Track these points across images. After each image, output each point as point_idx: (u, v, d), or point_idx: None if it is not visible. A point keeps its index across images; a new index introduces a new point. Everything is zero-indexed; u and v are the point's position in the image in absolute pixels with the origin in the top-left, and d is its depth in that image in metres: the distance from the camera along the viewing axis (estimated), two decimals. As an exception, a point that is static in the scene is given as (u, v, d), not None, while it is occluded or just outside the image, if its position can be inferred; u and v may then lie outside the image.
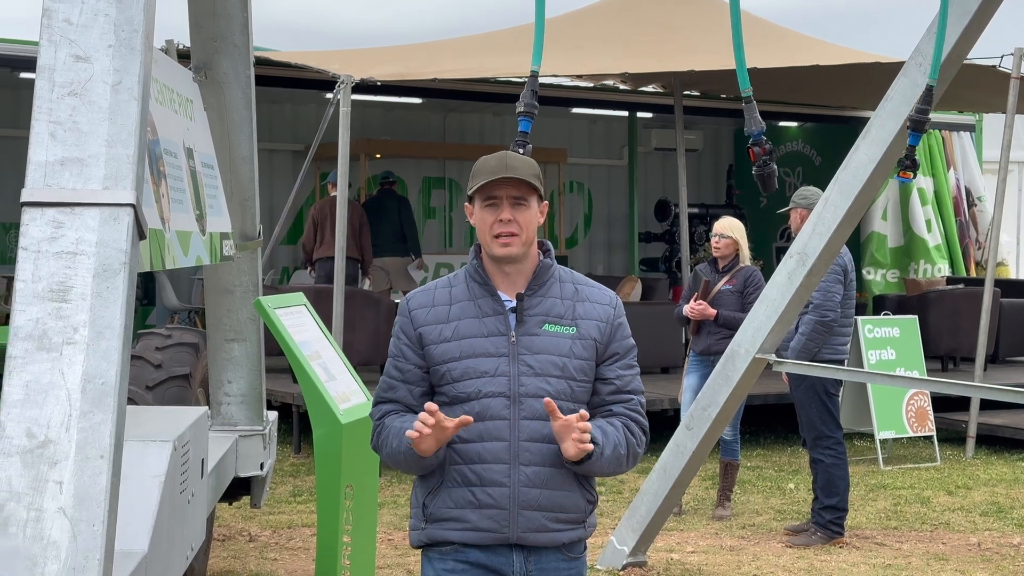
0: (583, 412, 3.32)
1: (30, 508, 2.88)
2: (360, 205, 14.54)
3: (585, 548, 3.58)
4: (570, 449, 3.31)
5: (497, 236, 3.41)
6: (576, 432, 3.29)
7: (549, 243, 3.60)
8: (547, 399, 3.31)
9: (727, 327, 8.40)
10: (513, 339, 3.41)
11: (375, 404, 3.56)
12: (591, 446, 3.31)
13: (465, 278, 3.51)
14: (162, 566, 4.40)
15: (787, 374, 8.10)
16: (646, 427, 3.55)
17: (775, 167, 5.94)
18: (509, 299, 3.46)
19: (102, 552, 2.88)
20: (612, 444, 3.40)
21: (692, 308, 8.64)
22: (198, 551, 5.43)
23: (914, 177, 6.36)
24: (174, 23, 6.41)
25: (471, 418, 3.33)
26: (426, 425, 3.27)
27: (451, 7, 55.83)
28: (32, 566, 2.83)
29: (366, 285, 14.19)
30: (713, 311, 8.55)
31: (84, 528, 2.87)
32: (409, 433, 3.31)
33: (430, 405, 3.30)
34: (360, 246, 14.14)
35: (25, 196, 3.09)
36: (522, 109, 5.62)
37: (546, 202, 3.54)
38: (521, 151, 5.28)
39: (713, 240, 8.80)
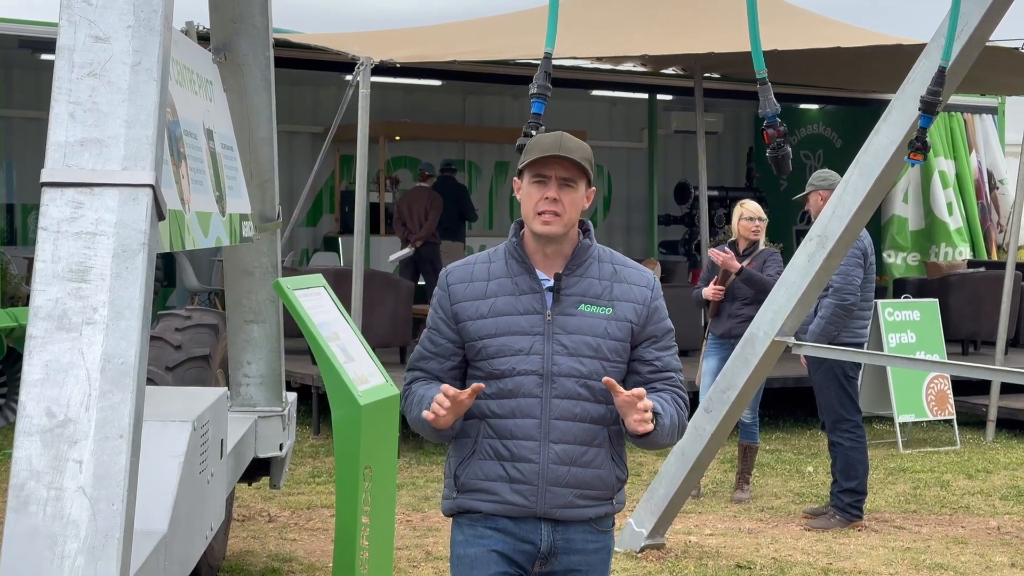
0: (640, 391, 3.34)
1: (50, 487, 2.89)
2: (432, 190, 14.77)
3: (613, 523, 3.64)
4: (632, 425, 3.35)
5: (540, 213, 3.43)
6: (638, 412, 3.32)
7: (589, 223, 3.62)
8: (606, 378, 3.35)
9: (749, 283, 8.39)
10: (549, 318, 3.45)
11: (408, 369, 3.65)
12: (651, 426, 3.35)
13: (504, 255, 3.54)
14: (181, 546, 4.43)
15: (806, 357, 8.09)
16: (687, 401, 3.63)
17: (789, 149, 5.91)
18: (547, 278, 3.49)
19: (121, 531, 2.89)
20: (669, 415, 3.47)
21: (712, 291, 8.63)
22: (217, 531, 5.46)
23: (924, 159, 6.33)
24: (194, 5, 6.39)
25: (483, 385, 3.40)
26: (442, 407, 3.35)
27: (471, -11, 55.69)
28: (52, 544, 2.85)
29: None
30: (737, 264, 8.51)
31: (104, 507, 2.88)
32: (425, 414, 3.39)
33: (446, 388, 3.36)
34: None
35: (45, 176, 3.10)
36: (535, 91, 5.58)
37: (593, 188, 3.55)
38: (534, 133, 5.26)
39: (752, 224, 8.72)
